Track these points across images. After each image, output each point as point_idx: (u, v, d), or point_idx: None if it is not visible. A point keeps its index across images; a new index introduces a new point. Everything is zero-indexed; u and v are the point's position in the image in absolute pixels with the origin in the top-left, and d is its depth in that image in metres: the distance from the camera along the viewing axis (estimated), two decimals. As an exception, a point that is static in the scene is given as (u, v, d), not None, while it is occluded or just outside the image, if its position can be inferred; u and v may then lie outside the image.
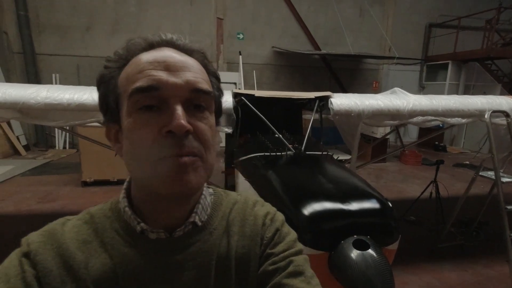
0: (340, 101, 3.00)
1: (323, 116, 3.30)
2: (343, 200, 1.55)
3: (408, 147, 5.77)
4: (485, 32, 8.84)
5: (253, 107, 2.76)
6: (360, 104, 3.01)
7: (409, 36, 10.31)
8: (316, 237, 1.45)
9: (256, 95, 2.92)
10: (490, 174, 2.95)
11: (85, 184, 5.34)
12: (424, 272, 3.07)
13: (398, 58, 8.69)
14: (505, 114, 3.05)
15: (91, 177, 5.34)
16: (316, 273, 1.49)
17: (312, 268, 1.43)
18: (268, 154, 2.39)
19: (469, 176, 6.81)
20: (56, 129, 8.00)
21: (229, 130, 2.76)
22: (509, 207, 2.74)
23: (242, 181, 2.64)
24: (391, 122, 3.18)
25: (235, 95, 2.87)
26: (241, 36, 9.17)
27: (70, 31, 8.24)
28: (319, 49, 9.49)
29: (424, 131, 9.00)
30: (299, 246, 0.66)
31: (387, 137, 7.84)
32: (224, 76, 6.52)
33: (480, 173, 3.13)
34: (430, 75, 10.42)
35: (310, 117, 4.83)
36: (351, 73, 10.25)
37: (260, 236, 0.66)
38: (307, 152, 2.49)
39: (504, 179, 2.79)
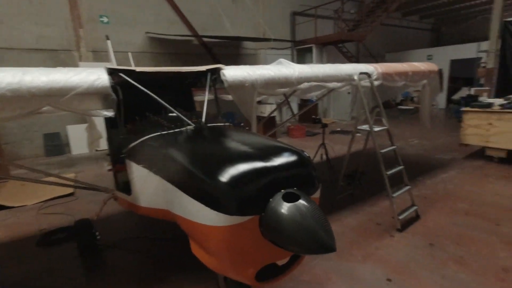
0: (233, 72, 2.87)
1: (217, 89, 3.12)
2: (260, 158, 1.41)
3: (291, 122, 6.40)
4: (335, 20, 10.54)
5: (137, 84, 2.32)
6: (253, 74, 2.97)
7: (279, 23, 11.27)
8: (242, 203, 1.27)
9: (137, 70, 2.46)
10: (365, 127, 3.43)
11: None
12: (330, 222, 3.38)
13: (274, 40, 9.36)
14: (368, 75, 3.59)
15: None
16: (249, 242, 1.32)
17: (243, 238, 1.23)
18: (166, 132, 2.05)
19: (345, 139, 8.19)
20: None
21: (110, 114, 2.24)
22: (382, 150, 3.26)
23: (138, 172, 2.20)
24: (283, 89, 3.27)
25: (110, 72, 2.34)
26: (105, 19, 7.93)
27: None
28: (198, 35, 9.24)
29: (301, 107, 10.23)
30: None
31: (273, 115, 8.48)
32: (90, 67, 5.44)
33: (357, 128, 3.60)
34: (299, 57, 11.73)
35: (202, 98, 4.61)
36: (232, 58, 10.44)
37: None
38: (208, 125, 2.27)
39: (376, 128, 3.28)
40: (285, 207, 1.19)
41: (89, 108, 2.29)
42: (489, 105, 5.33)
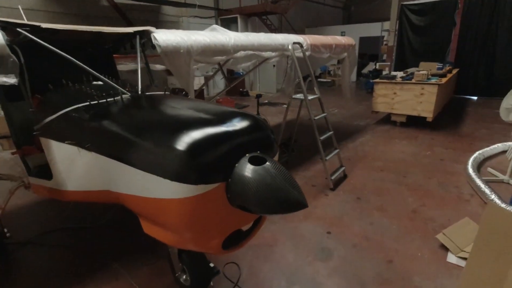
0: (166, 36, 2.60)
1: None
2: (219, 123, 1.32)
3: (220, 95, 6.28)
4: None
5: (48, 45, 1.88)
6: (187, 40, 2.74)
7: (201, -11, 10.58)
8: (205, 170, 1.18)
9: (43, 26, 1.99)
10: (299, 95, 3.57)
11: None
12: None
13: (198, 6, 8.80)
14: (300, 45, 3.70)
15: None
16: (215, 211, 1.25)
17: (209, 208, 1.15)
18: (96, 102, 1.74)
19: (273, 110, 8.48)
20: None
21: (12, 80, 1.77)
22: (316, 117, 3.47)
23: (61, 151, 1.84)
24: (219, 58, 3.12)
25: (3, 27, 1.83)
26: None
27: None
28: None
29: (229, 81, 10.10)
30: None
31: (203, 88, 8.18)
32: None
33: (293, 97, 3.73)
34: (224, 27, 11.35)
35: (126, 67, 4.09)
36: (152, 25, 9.47)
37: None
38: (146, 93, 2.02)
39: (310, 97, 3.44)
40: (254, 170, 1.15)
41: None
42: (394, 77, 6.16)
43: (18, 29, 1.87)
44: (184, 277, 2.05)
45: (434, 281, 2.12)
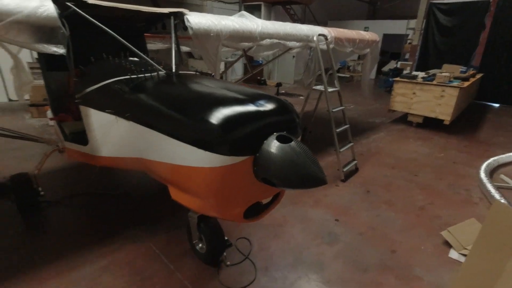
0: (198, 19, 2.70)
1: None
2: (251, 103, 1.45)
3: (239, 82, 6.39)
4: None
5: (94, 21, 2.03)
6: (218, 24, 2.84)
7: (227, -26, 10.55)
8: (238, 143, 1.31)
9: (90, 2, 2.13)
10: (319, 87, 3.65)
11: None
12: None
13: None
14: (325, 37, 3.75)
15: None
16: (241, 182, 1.39)
17: (236, 178, 1.30)
18: (136, 76, 1.88)
19: (290, 101, 8.44)
20: None
21: (61, 50, 1.93)
22: (334, 109, 3.55)
23: (100, 119, 2.01)
24: (246, 44, 3.22)
25: (54, 1, 1.97)
26: None
27: None
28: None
29: (246, 68, 10.19)
30: None
31: (223, 73, 8.27)
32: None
33: (313, 88, 3.81)
34: (248, 15, 11.33)
35: (155, 46, 4.24)
36: (174, 6, 9.57)
37: None
38: (180, 72, 2.16)
39: (329, 89, 3.51)
40: (280, 147, 1.28)
41: (31, 41, 1.94)
42: (415, 77, 6.12)
43: (67, 3, 2.02)
44: (200, 245, 2.23)
45: (434, 273, 2.23)
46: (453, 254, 2.44)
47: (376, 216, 2.92)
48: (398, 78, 6.24)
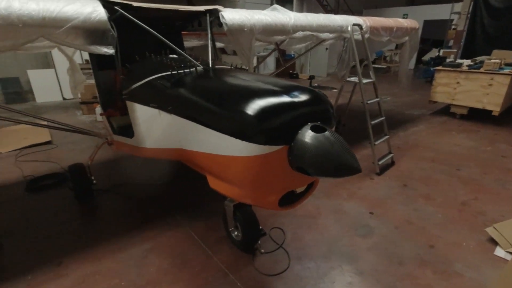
0: (232, 15, 2.78)
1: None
2: (286, 94, 1.49)
3: (271, 76, 6.44)
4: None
5: (139, 22, 2.19)
6: (251, 19, 2.90)
7: (258, -32, 10.54)
8: (274, 133, 1.37)
9: (134, 5, 2.30)
10: (353, 79, 3.58)
11: None
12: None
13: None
14: (360, 27, 3.65)
15: None
16: (277, 170, 1.45)
17: (272, 166, 1.35)
18: (176, 72, 2.02)
19: (324, 93, 8.38)
20: None
21: (111, 51, 2.12)
22: (369, 101, 3.47)
23: (145, 113, 2.18)
24: (279, 37, 3.25)
25: (104, 5, 2.16)
26: None
27: None
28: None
29: (278, 62, 10.19)
30: None
31: (256, 67, 8.36)
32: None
33: (347, 79, 3.75)
34: (279, 8, 11.26)
35: (190, 44, 4.41)
36: (209, 3, 9.78)
37: None
38: (216, 67, 2.26)
39: (364, 80, 3.43)
40: (315, 137, 1.32)
41: (86, 43, 2.15)
42: (459, 65, 5.72)
43: (115, 7, 2.20)
44: (236, 233, 2.34)
45: (476, 270, 2.14)
46: (500, 252, 2.31)
47: (414, 210, 2.84)
48: (440, 67, 5.88)
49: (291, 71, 10.95)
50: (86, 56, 6.92)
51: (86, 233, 2.54)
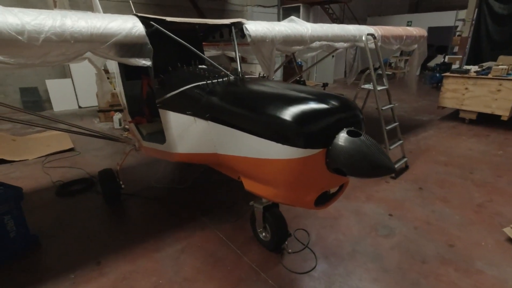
0: (255, 27, 2.94)
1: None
2: (319, 101, 1.63)
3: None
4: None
5: (173, 35, 2.36)
6: (272, 30, 3.06)
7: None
8: (313, 137, 1.50)
9: (167, 20, 2.48)
10: (368, 85, 3.72)
11: None
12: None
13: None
14: (373, 36, 3.81)
15: None
16: (314, 172, 1.58)
17: (310, 168, 1.47)
18: (211, 82, 2.17)
19: None
20: None
21: (148, 63, 2.27)
22: (383, 107, 3.60)
23: (179, 120, 2.32)
24: (297, 47, 3.40)
25: (142, 20, 2.33)
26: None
27: None
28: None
29: (286, 69, 10.41)
30: None
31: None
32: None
33: (362, 86, 3.89)
34: (286, 17, 11.48)
35: (214, 53, 4.60)
36: (218, 14, 10.06)
37: None
38: (246, 76, 2.41)
39: (378, 87, 3.57)
40: (352, 140, 1.44)
41: (126, 56, 2.31)
42: (467, 71, 5.85)
43: (151, 22, 2.37)
44: (264, 234, 2.46)
45: (497, 267, 2.23)
46: (518, 250, 2.40)
47: (431, 211, 2.94)
48: (448, 73, 6.00)
49: (298, 78, 11.13)
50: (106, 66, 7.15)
51: (119, 234, 2.67)
